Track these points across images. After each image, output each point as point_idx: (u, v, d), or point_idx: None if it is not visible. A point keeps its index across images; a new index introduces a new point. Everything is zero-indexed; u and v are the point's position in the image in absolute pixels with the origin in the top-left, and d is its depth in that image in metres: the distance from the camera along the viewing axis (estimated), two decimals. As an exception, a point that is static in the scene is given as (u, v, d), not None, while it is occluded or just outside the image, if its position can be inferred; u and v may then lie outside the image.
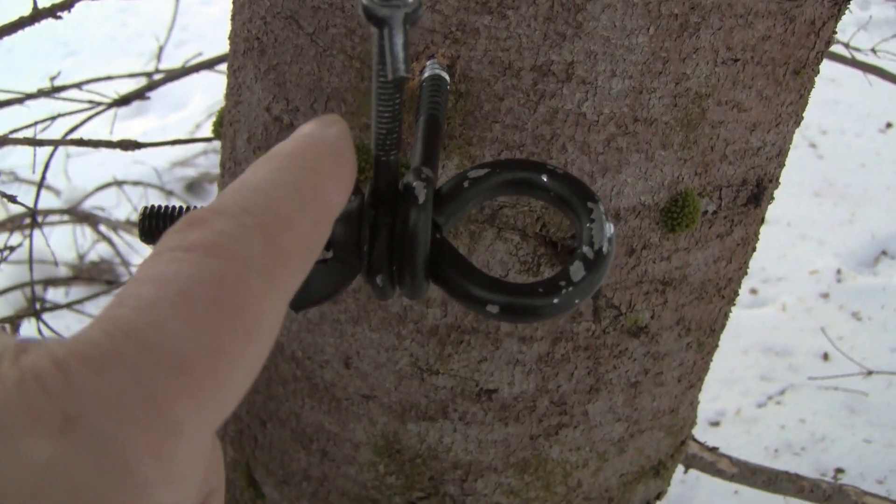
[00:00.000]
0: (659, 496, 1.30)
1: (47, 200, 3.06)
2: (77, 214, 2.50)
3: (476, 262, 0.86)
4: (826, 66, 2.57)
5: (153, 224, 0.60)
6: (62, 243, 2.97)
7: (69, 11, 1.28)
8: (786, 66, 0.88)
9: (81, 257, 2.85)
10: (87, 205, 2.77)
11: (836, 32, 0.95)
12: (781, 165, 1.02)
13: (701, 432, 2.54)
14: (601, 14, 0.73)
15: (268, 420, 1.08)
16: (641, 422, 1.10)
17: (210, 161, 3.78)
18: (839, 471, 2.43)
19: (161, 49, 2.16)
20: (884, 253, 3.47)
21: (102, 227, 2.63)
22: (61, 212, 2.33)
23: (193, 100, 4.43)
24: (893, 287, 3.20)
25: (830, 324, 2.99)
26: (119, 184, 2.63)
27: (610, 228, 0.59)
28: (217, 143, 3.69)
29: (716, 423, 2.62)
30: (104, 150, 3.47)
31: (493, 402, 0.97)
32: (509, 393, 0.96)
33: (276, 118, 0.89)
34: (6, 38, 1.38)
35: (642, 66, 0.77)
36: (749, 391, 2.76)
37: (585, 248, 0.58)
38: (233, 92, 0.99)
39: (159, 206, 0.61)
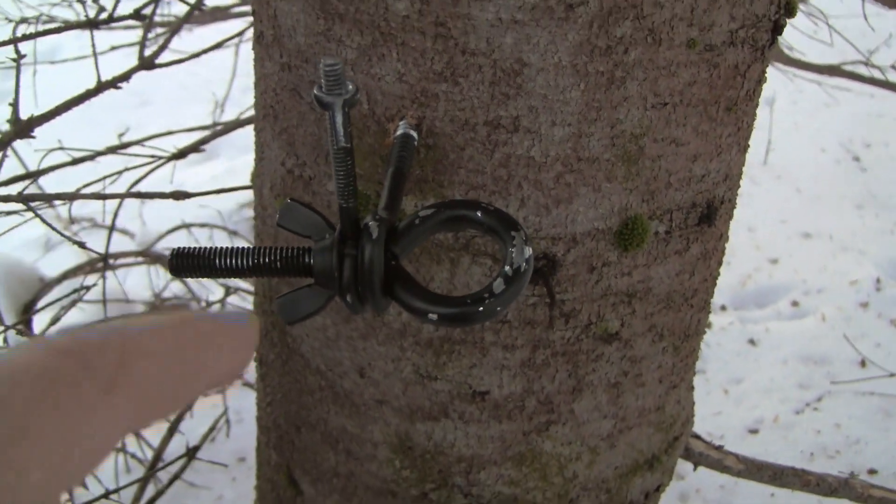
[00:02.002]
0: (659, 489, 1.44)
1: (123, 244, 3.31)
2: (150, 255, 2.72)
3: (457, 284, 1.03)
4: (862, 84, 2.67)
5: (181, 263, 0.79)
6: (139, 284, 3.21)
7: (128, 82, 1.48)
8: (717, 105, 1.03)
9: (157, 296, 3.07)
10: (160, 246, 3.01)
11: (765, 75, 1.10)
12: (732, 188, 1.16)
13: (739, 440, 2.66)
14: (536, 76, 0.90)
15: (301, 426, 1.26)
16: (628, 419, 1.25)
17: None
18: (872, 472, 2.52)
19: (221, 102, 2.37)
20: (927, 262, 3.55)
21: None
22: (135, 254, 2.55)
23: (260, 144, 4.67)
24: (934, 294, 3.27)
25: (869, 332, 3.08)
26: (188, 226, 2.85)
27: (528, 251, 0.75)
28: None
29: (754, 431, 2.73)
30: (183, 187, 3.68)
31: (487, 403, 1.13)
32: (499, 394, 1.12)
33: (289, 171, 1.07)
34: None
35: (578, 115, 0.93)
36: (787, 399, 2.86)
37: (507, 268, 0.75)
38: (258, 149, 1.17)
39: (186, 248, 0.79)
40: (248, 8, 3.44)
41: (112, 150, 1.70)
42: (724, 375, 3.00)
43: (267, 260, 0.79)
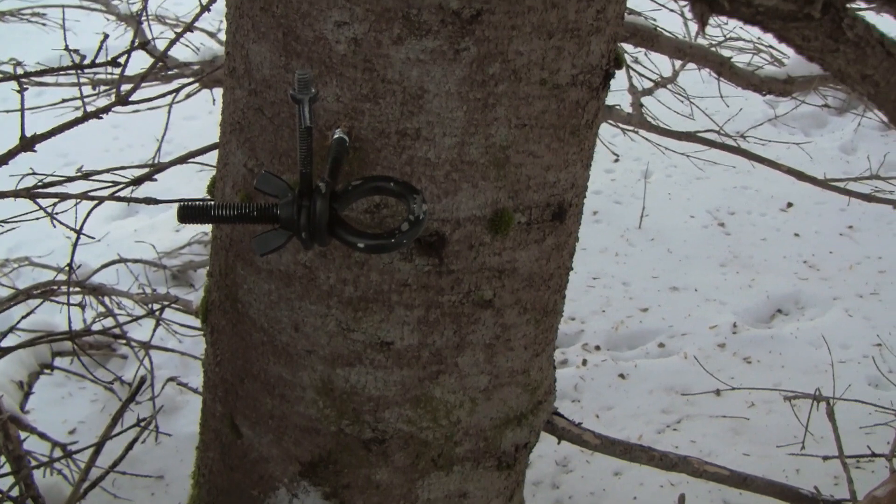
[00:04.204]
0: (527, 445, 1.80)
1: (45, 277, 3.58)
2: (86, 287, 3.02)
3: (373, 253, 1.40)
4: (732, 158, 3.14)
5: (186, 212, 1.15)
6: (72, 312, 3.49)
7: (107, 114, 1.83)
8: (564, 129, 1.43)
9: (88, 327, 3.35)
10: (95, 279, 3.30)
11: (600, 107, 1.51)
12: (578, 196, 1.56)
13: (608, 453, 3.04)
14: (433, 99, 1.28)
15: (245, 377, 1.61)
16: (501, 377, 1.62)
17: (193, 251, 4.31)
18: (719, 478, 2.93)
19: (152, 156, 2.71)
20: (779, 311, 4.05)
21: (106, 300, 3.15)
22: (75, 284, 2.85)
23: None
24: (781, 336, 3.76)
25: (724, 367, 3.54)
26: (124, 261, 3.15)
27: (424, 207, 1.13)
28: (199, 237, 4.22)
29: (621, 447, 3.12)
30: (107, 238, 3.94)
31: (391, 352, 1.49)
32: (401, 345, 1.49)
33: (249, 170, 1.44)
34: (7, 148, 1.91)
35: (462, 129, 1.32)
36: (651, 421, 3.28)
37: (410, 216, 1.12)
38: (222, 158, 1.54)
39: (191, 201, 1.15)
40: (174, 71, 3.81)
41: (83, 176, 2.03)
42: (597, 404, 3.41)
43: (247, 211, 1.16)
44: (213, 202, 1.17)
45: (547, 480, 3.06)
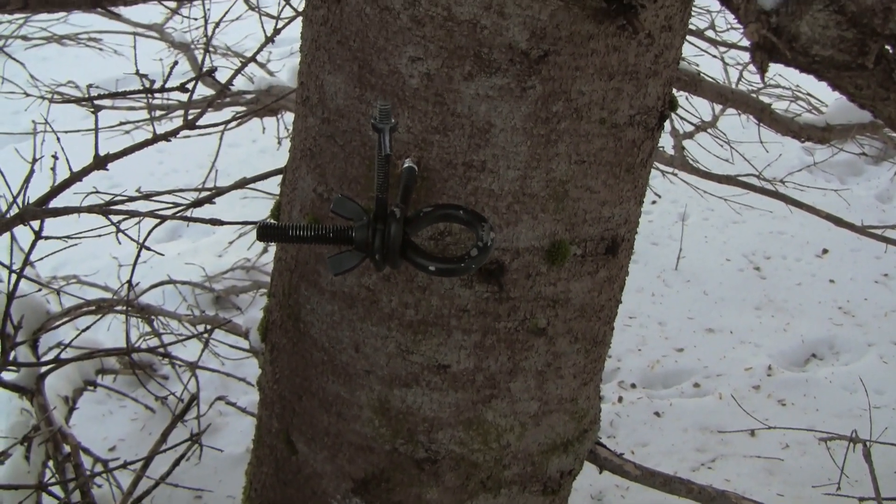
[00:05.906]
0: (571, 472, 1.85)
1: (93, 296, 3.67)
2: (134, 307, 3.10)
3: (434, 277, 1.46)
4: (768, 203, 3.20)
5: (265, 232, 1.22)
6: (117, 332, 3.57)
7: (176, 137, 1.90)
8: (620, 167, 1.49)
9: (132, 347, 3.44)
10: (143, 299, 3.39)
11: (656, 147, 1.57)
12: (630, 231, 1.62)
13: (641, 489, 3.07)
14: (499, 134, 1.35)
15: (303, 394, 1.67)
16: (550, 403, 1.67)
17: (236, 276, 4.39)
18: (753, 517, 2.95)
19: (204, 180, 2.80)
20: (813, 355, 4.07)
21: (154, 321, 3.23)
22: (126, 302, 2.93)
23: (220, 228, 5.09)
24: (816, 380, 3.79)
25: (759, 409, 3.56)
26: (173, 282, 3.24)
27: (492, 235, 1.20)
28: (241, 262, 4.30)
29: (655, 483, 3.15)
30: (151, 261, 4.02)
31: (448, 375, 1.55)
32: (457, 368, 1.54)
33: (318, 195, 1.51)
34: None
35: (525, 163, 1.38)
36: (685, 459, 3.32)
37: (479, 243, 1.19)
38: (290, 182, 1.61)
39: (270, 222, 1.22)
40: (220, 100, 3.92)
41: (144, 196, 2.11)
42: (632, 440, 3.46)
43: (323, 232, 1.22)
44: (291, 223, 1.24)
45: (581, 514, 3.09)
